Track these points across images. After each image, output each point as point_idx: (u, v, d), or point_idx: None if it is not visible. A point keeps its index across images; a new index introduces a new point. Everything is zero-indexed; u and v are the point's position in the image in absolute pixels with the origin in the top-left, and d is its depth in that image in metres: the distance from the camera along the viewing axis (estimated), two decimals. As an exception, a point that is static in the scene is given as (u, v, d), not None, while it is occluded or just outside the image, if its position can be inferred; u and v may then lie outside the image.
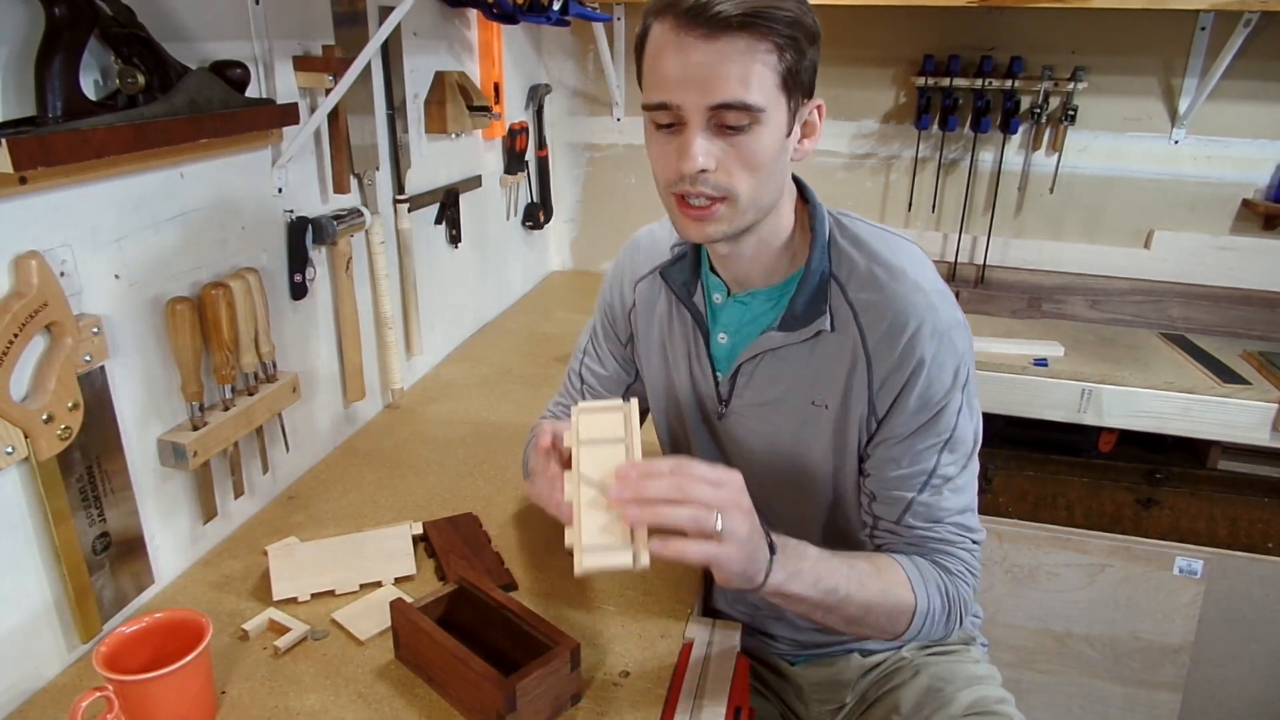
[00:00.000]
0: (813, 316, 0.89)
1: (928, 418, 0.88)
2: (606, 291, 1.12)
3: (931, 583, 0.89)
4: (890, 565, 0.89)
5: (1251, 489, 1.88)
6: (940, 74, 2.01)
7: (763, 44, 0.76)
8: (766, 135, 0.79)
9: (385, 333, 1.49)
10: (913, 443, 0.89)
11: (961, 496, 0.91)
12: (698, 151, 0.78)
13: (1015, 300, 2.19)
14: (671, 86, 0.78)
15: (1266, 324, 2.05)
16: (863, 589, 0.84)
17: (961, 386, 0.88)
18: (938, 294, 0.88)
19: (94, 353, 0.91)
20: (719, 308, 0.97)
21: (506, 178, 2.03)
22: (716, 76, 0.76)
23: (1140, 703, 1.90)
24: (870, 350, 0.88)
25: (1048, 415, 1.82)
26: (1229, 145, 1.98)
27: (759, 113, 0.78)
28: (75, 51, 0.83)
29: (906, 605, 0.87)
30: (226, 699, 0.88)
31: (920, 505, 0.90)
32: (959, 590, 0.90)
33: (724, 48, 0.75)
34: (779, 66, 0.78)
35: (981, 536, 0.93)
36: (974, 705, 0.98)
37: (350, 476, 1.33)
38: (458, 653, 0.84)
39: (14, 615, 0.88)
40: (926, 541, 0.91)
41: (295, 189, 1.26)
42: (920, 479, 0.89)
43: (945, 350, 0.86)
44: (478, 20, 1.81)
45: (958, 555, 0.91)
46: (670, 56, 0.77)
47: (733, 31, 0.75)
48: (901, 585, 0.87)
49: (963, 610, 0.91)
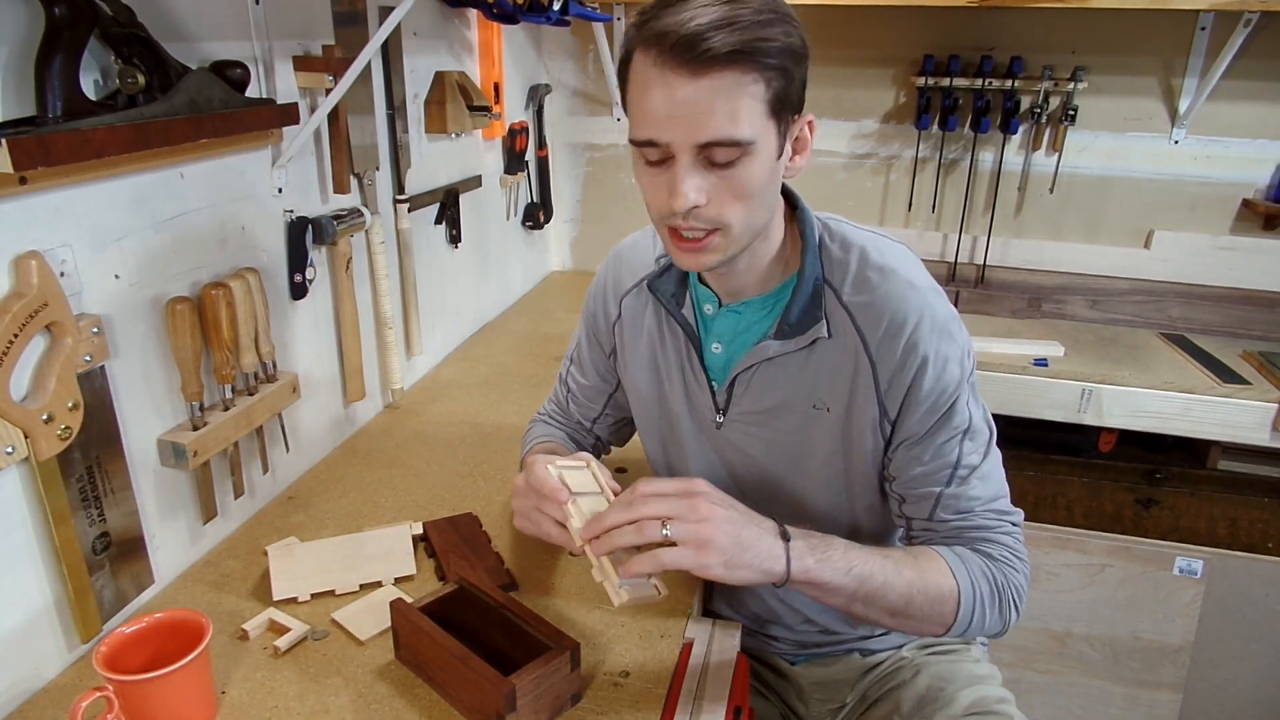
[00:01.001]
0: (808, 324, 0.89)
1: (942, 412, 0.88)
2: (590, 302, 1.12)
3: (975, 568, 0.88)
4: (928, 553, 0.88)
5: (1251, 489, 1.88)
6: (940, 74, 2.01)
7: (749, 76, 0.74)
8: (757, 164, 0.79)
9: (385, 333, 1.49)
10: (932, 438, 0.89)
11: (989, 484, 0.91)
12: (688, 189, 0.77)
13: (1015, 300, 2.19)
14: (659, 123, 0.76)
15: (1266, 324, 2.05)
16: (899, 575, 0.84)
17: (967, 378, 0.89)
18: (931, 290, 0.88)
19: (94, 353, 0.91)
20: (711, 318, 0.96)
21: (506, 178, 2.03)
22: (704, 113, 0.75)
23: (1140, 703, 1.90)
24: (872, 353, 0.88)
25: (1048, 415, 1.82)
26: (1229, 145, 1.98)
27: (749, 145, 0.77)
28: (75, 51, 0.83)
29: (949, 591, 0.86)
30: (226, 699, 0.88)
31: (949, 498, 0.90)
32: (1007, 577, 0.89)
33: (711, 84, 0.74)
34: (766, 95, 0.76)
35: (1019, 518, 0.93)
36: (974, 705, 0.98)
37: (350, 476, 1.33)
38: (457, 652, 0.84)
39: (14, 615, 0.88)
40: (963, 533, 0.90)
41: (295, 189, 1.26)
42: (945, 472, 0.89)
43: (946, 343, 0.86)
44: (478, 20, 1.81)
45: (998, 540, 0.90)
46: (656, 92, 0.76)
47: (720, 67, 0.73)
48: (941, 572, 0.86)
49: (1016, 598, 0.90)
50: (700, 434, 1.02)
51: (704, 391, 0.99)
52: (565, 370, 1.19)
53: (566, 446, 1.16)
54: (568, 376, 1.18)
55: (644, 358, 1.04)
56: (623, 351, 1.08)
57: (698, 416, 1.01)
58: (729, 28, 0.72)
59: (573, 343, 1.18)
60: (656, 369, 1.04)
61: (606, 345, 1.11)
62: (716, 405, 0.98)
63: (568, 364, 1.19)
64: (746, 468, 1.00)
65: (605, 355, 1.12)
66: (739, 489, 1.02)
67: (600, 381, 1.15)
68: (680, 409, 1.02)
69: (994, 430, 0.93)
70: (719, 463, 1.03)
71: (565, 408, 1.20)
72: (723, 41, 0.72)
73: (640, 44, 0.77)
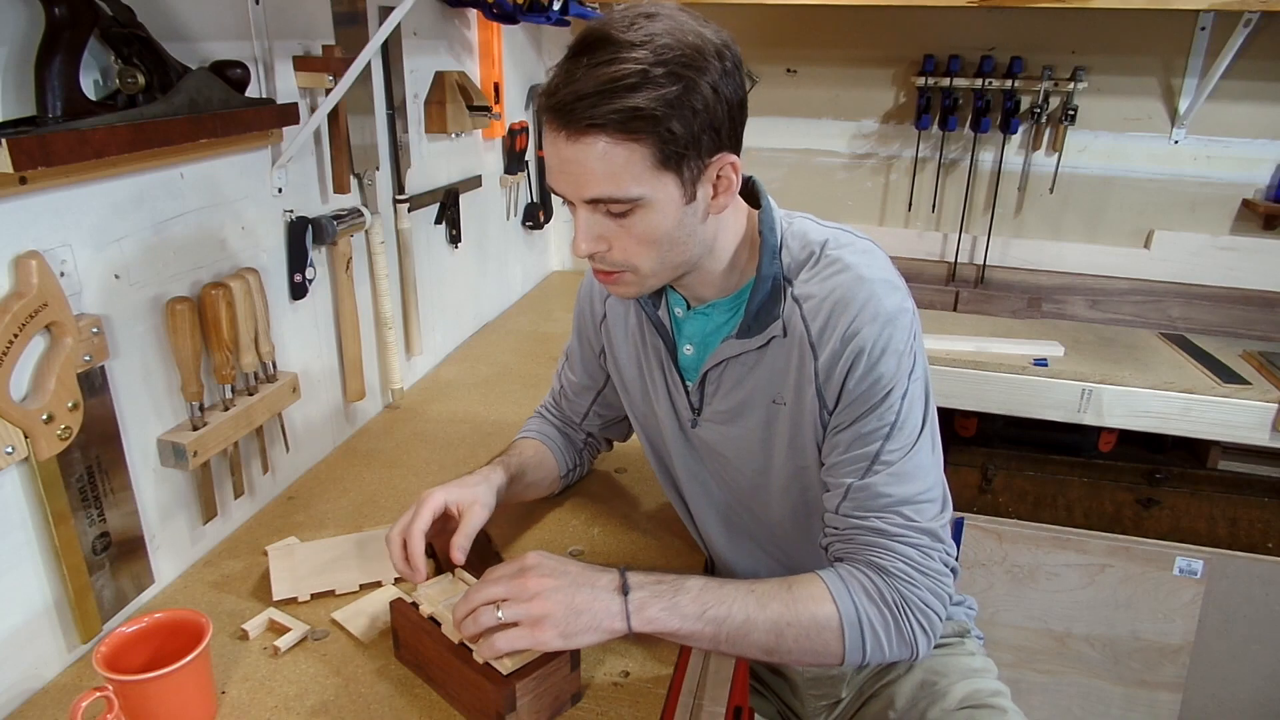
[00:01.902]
0: (766, 322, 0.89)
1: (872, 402, 0.85)
2: (579, 301, 1.14)
3: (858, 589, 0.83)
4: (805, 579, 0.84)
5: (1251, 489, 1.88)
6: (940, 74, 2.02)
7: (624, 141, 0.75)
8: (656, 215, 0.80)
9: (385, 333, 1.49)
10: (856, 429, 0.86)
11: (905, 485, 0.84)
12: (581, 240, 0.83)
13: (1015, 300, 2.19)
14: (554, 176, 0.81)
15: (1266, 324, 2.05)
16: (763, 611, 0.81)
17: (909, 373, 0.85)
18: (882, 283, 0.86)
19: (94, 353, 0.91)
20: (682, 320, 0.97)
21: (506, 178, 2.03)
22: (585, 173, 0.78)
23: (1140, 703, 1.90)
24: (814, 341, 0.87)
25: (1048, 415, 1.81)
26: (1229, 145, 1.98)
27: (636, 200, 0.79)
28: (75, 51, 0.83)
29: (827, 619, 0.81)
30: (226, 699, 0.88)
31: (857, 490, 0.85)
32: (904, 593, 0.83)
33: (586, 148, 0.76)
34: (650, 154, 0.76)
35: (941, 529, 0.86)
36: (969, 698, 0.98)
37: (350, 476, 1.33)
38: (458, 652, 0.84)
39: (14, 615, 0.88)
40: (859, 534, 0.85)
41: (295, 189, 1.25)
42: (860, 465, 0.86)
43: (886, 335, 0.84)
44: (478, 20, 1.81)
45: (896, 551, 0.84)
46: (549, 147, 0.80)
47: (592, 134, 0.75)
48: (817, 598, 0.82)
49: (919, 617, 0.83)
50: (681, 434, 1.03)
51: (680, 392, 1.00)
52: (561, 366, 1.21)
53: (554, 444, 1.18)
54: (562, 373, 1.21)
55: (630, 358, 1.06)
56: (611, 350, 1.09)
57: (678, 417, 1.02)
58: (600, 96, 0.74)
59: (569, 342, 1.20)
60: (641, 370, 1.05)
61: (595, 344, 1.12)
62: (691, 405, 0.99)
63: (563, 362, 1.21)
64: (722, 466, 1.01)
65: (595, 354, 1.13)
66: (719, 490, 1.04)
67: (588, 379, 1.16)
68: (664, 410, 1.03)
69: (934, 433, 0.88)
70: (699, 463, 1.04)
71: (559, 403, 1.22)
72: (591, 113, 0.74)
73: (541, 96, 0.80)
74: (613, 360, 1.09)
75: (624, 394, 1.10)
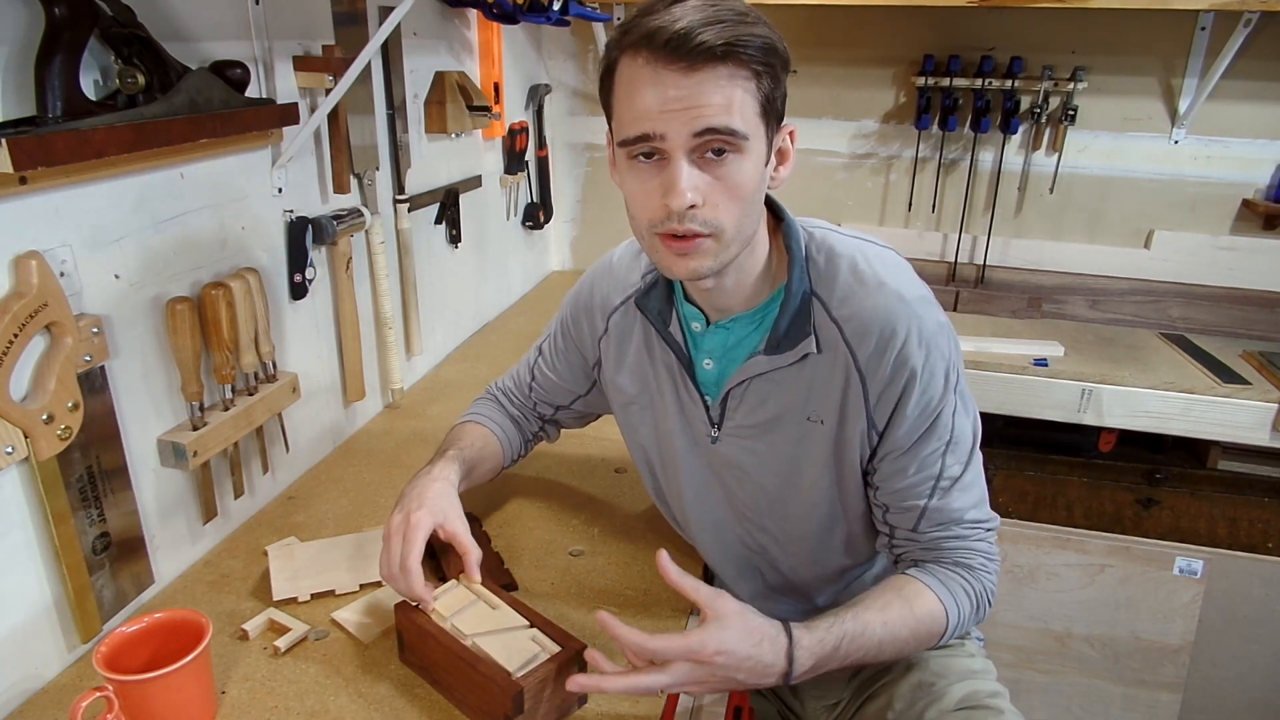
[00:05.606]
0: (798, 339, 0.89)
1: (927, 425, 0.88)
2: (576, 310, 1.10)
3: (958, 589, 0.91)
4: (919, 592, 0.90)
5: (1251, 489, 1.88)
6: (940, 74, 2.01)
7: (743, 71, 0.76)
8: (749, 164, 0.79)
9: (385, 333, 1.49)
10: (917, 451, 0.89)
11: (970, 493, 0.92)
12: (686, 187, 0.77)
13: (1015, 300, 2.19)
14: (653, 118, 0.76)
15: (1266, 324, 2.05)
16: (896, 637, 0.87)
17: (954, 388, 0.89)
18: (920, 301, 0.88)
19: (94, 353, 0.91)
20: (700, 335, 0.96)
21: (506, 178, 2.03)
22: (701, 104, 0.75)
23: (1140, 703, 1.90)
24: (862, 367, 0.88)
25: (1048, 415, 1.81)
26: (1229, 145, 1.98)
27: (743, 140, 0.77)
28: (75, 51, 0.83)
29: (940, 626, 0.90)
30: (226, 699, 0.88)
31: (933, 510, 0.91)
32: (983, 584, 0.93)
33: (706, 77, 0.74)
34: (758, 94, 0.77)
35: (995, 523, 0.95)
36: (966, 699, 0.98)
37: (350, 476, 1.33)
38: (465, 655, 0.84)
39: (14, 615, 0.88)
40: (943, 543, 0.93)
41: (295, 189, 1.25)
42: (929, 484, 0.91)
43: (934, 356, 0.87)
44: (478, 20, 1.81)
45: (975, 548, 0.93)
46: (648, 90, 0.76)
47: (715, 61, 0.74)
48: (933, 612, 0.90)
49: (989, 598, 0.94)
50: (694, 448, 1.02)
51: (698, 407, 0.98)
52: (534, 358, 1.18)
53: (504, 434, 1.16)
54: (535, 369, 1.17)
55: (634, 373, 1.04)
56: (608, 365, 1.07)
57: (692, 432, 1.01)
58: (718, 25, 0.74)
59: (544, 336, 1.17)
60: (648, 385, 1.03)
61: (590, 356, 1.10)
62: (711, 420, 0.98)
63: (536, 354, 1.18)
64: (740, 481, 1.00)
65: (588, 364, 1.11)
66: (732, 504, 1.03)
67: (573, 383, 1.14)
68: (673, 425, 1.01)
69: (979, 436, 0.94)
70: (713, 478, 1.02)
71: (525, 392, 1.19)
72: (715, 36, 0.73)
73: (628, 48, 0.77)
74: (608, 376, 1.08)
75: (621, 408, 1.08)
